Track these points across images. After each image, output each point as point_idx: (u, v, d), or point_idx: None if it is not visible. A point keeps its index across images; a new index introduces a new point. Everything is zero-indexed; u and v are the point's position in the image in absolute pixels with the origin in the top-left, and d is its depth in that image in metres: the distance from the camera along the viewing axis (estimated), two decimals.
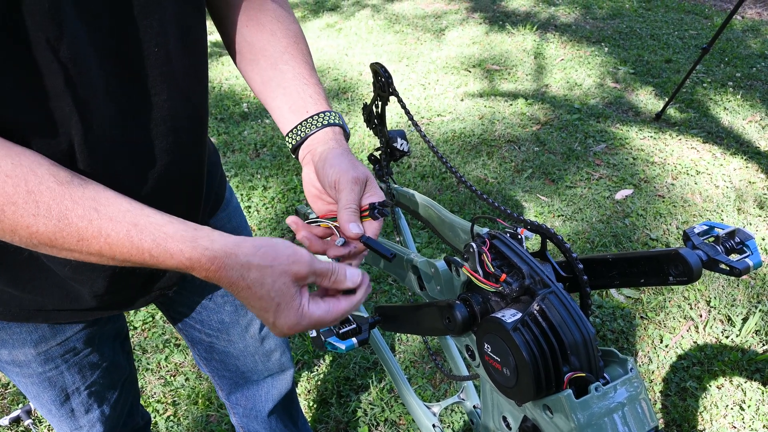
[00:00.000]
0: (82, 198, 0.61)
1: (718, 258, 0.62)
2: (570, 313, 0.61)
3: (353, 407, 2.01)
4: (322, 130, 0.84)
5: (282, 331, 0.69)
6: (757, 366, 2.04)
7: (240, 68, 0.94)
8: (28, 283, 0.84)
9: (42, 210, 0.59)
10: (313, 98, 0.86)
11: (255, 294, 0.65)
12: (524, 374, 0.60)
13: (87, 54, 0.66)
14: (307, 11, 5.87)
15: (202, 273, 0.64)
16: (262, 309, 0.66)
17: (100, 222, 0.61)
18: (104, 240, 0.61)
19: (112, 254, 0.62)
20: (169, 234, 0.63)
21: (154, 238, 0.62)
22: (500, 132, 3.53)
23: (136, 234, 0.62)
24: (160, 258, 0.62)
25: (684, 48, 4.48)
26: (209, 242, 0.63)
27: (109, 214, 0.61)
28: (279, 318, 0.67)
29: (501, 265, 0.69)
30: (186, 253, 0.62)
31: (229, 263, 0.63)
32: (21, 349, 0.93)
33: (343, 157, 0.80)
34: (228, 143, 3.62)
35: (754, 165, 3.09)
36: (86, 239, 0.60)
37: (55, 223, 0.59)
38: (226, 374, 1.23)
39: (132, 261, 0.63)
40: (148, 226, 0.62)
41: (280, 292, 0.65)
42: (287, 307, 0.66)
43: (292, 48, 0.90)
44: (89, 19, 0.65)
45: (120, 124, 0.73)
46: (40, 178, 0.59)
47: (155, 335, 2.32)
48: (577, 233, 2.71)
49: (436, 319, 0.75)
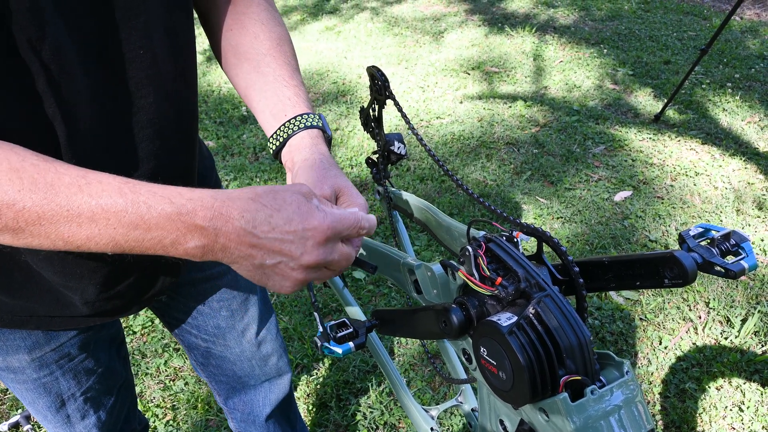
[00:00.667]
0: (68, 170, 0.57)
1: (714, 260, 0.62)
2: (566, 317, 0.61)
3: (352, 411, 2.00)
4: (298, 134, 0.83)
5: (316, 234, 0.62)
6: (756, 367, 2.04)
7: (226, 73, 0.94)
8: (19, 289, 0.83)
9: (27, 184, 0.55)
10: (291, 100, 0.86)
11: (272, 208, 0.60)
12: (520, 378, 0.60)
13: (70, 55, 0.65)
14: (306, 14, 5.88)
15: (206, 213, 0.58)
16: (285, 221, 0.61)
17: (89, 186, 0.57)
18: (95, 202, 0.56)
19: (106, 217, 0.56)
20: (164, 186, 0.60)
21: (148, 189, 0.58)
22: (499, 134, 3.53)
23: (129, 189, 0.58)
24: (158, 206, 0.57)
25: (683, 49, 4.48)
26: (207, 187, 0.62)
27: (98, 179, 0.58)
28: (305, 218, 0.62)
29: (497, 269, 0.69)
30: (185, 195, 0.59)
31: (234, 195, 0.60)
32: (15, 356, 0.92)
33: (313, 170, 0.79)
34: (227, 147, 3.62)
35: (752, 166, 3.09)
36: (77, 205, 0.56)
37: (43, 195, 0.55)
38: (223, 379, 1.23)
39: (127, 222, 0.57)
40: (140, 183, 0.59)
41: (295, 199, 0.62)
42: (307, 206, 0.63)
43: (275, 50, 0.89)
44: (72, 20, 0.65)
45: (105, 127, 0.73)
46: (22, 156, 0.56)
47: (154, 340, 2.32)
48: (576, 235, 2.71)
49: (433, 323, 0.75)
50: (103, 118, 0.72)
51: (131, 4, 0.70)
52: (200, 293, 1.10)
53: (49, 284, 0.83)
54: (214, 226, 0.59)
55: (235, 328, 1.15)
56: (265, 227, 0.60)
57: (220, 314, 1.12)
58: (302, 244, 0.62)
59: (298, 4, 6.20)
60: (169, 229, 0.58)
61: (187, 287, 1.07)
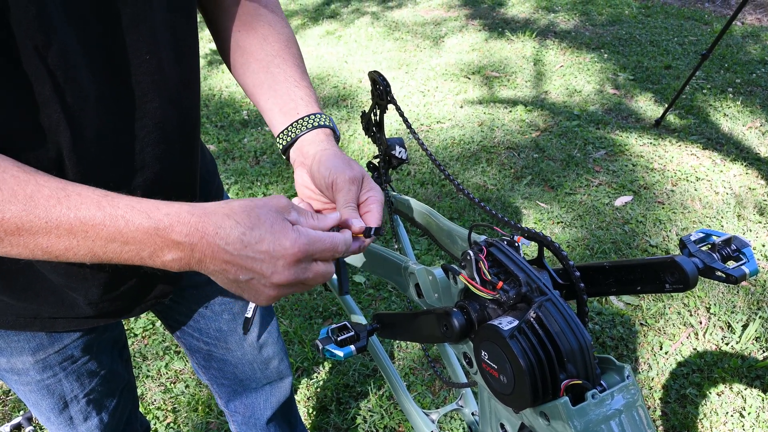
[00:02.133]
0: (48, 182, 0.58)
1: (714, 265, 0.62)
2: (566, 321, 0.61)
3: (352, 414, 2.00)
4: (312, 131, 0.84)
5: (286, 257, 0.63)
6: (758, 373, 2.04)
7: (233, 73, 0.94)
8: (23, 291, 0.84)
9: (6, 195, 0.56)
10: (304, 100, 0.87)
11: (245, 226, 0.61)
12: (521, 381, 0.60)
13: (76, 61, 0.66)
14: (307, 18, 5.90)
15: (183, 230, 0.60)
16: (257, 241, 0.61)
17: (68, 199, 0.58)
18: (74, 214, 0.57)
19: (84, 230, 0.58)
20: (142, 200, 0.61)
21: (127, 203, 0.59)
22: (500, 139, 3.54)
23: (107, 202, 0.59)
24: (135, 221, 0.58)
25: (684, 54, 4.49)
26: (185, 201, 0.62)
27: (78, 191, 0.59)
28: (277, 238, 0.62)
29: (498, 273, 0.69)
30: (163, 209, 0.60)
31: (210, 210, 0.61)
32: (19, 357, 0.93)
33: (336, 157, 0.80)
34: (228, 151, 3.63)
35: (754, 171, 3.09)
36: (56, 217, 0.57)
37: (21, 206, 0.56)
38: (224, 382, 1.23)
39: (105, 234, 0.58)
40: (119, 197, 0.60)
41: (269, 217, 0.63)
42: (281, 226, 0.63)
43: (284, 52, 0.90)
44: (79, 26, 0.65)
45: (110, 132, 0.74)
46: (3, 167, 0.57)
47: (155, 342, 2.32)
48: (576, 240, 2.71)
49: (434, 327, 0.75)
50: (108, 123, 0.72)
51: (137, 9, 0.71)
52: (203, 296, 1.10)
53: (53, 285, 0.84)
54: (190, 241, 0.60)
55: (236, 332, 1.15)
56: (237, 245, 0.61)
57: (221, 317, 1.13)
58: (273, 263, 0.63)
59: (299, 8, 6.22)
60: (146, 242, 0.60)
61: (190, 290, 1.08)
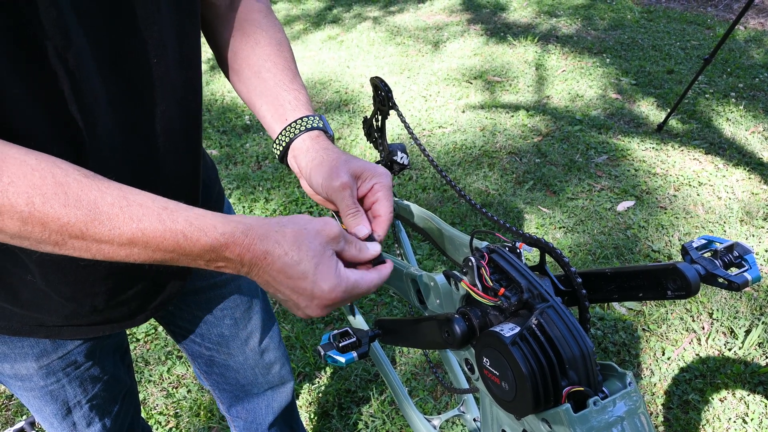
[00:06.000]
0: (109, 188, 0.60)
1: (716, 272, 0.62)
2: (568, 328, 0.61)
3: (354, 419, 2.00)
4: (299, 137, 0.84)
5: (322, 298, 0.67)
6: (760, 379, 2.03)
7: (229, 79, 0.95)
8: (28, 301, 0.84)
9: (72, 200, 0.57)
10: (291, 104, 0.86)
11: (292, 259, 0.64)
12: (523, 388, 0.60)
13: (89, 63, 0.67)
14: (309, 23, 5.91)
15: (236, 250, 0.63)
16: (300, 277, 0.65)
17: (130, 209, 0.59)
18: (136, 226, 0.59)
19: (145, 240, 0.60)
20: (200, 214, 0.63)
21: (186, 218, 0.61)
22: (501, 143, 3.54)
23: (167, 216, 0.61)
24: (194, 237, 0.61)
25: (686, 58, 4.49)
26: (241, 217, 0.65)
27: (139, 201, 0.61)
28: (318, 281, 0.66)
29: (499, 279, 0.69)
30: (219, 228, 0.62)
31: (263, 233, 0.64)
32: (23, 363, 0.93)
33: (322, 166, 0.80)
34: (230, 155, 3.64)
35: (756, 176, 3.09)
36: (118, 227, 0.59)
37: (86, 212, 0.57)
38: (226, 387, 1.23)
39: (165, 247, 0.61)
40: (178, 209, 0.62)
41: (317, 252, 0.66)
42: (326, 266, 0.66)
43: (275, 56, 0.90)
44: (89, 30, 0.66)
45: (120, 135, 0.75)
46: (66, 171, 0.58)
47: (157, 347, 2.33)
48: (578, 245, 2.70)
49: (436, 333, 0.75)
50: (118, 125, 0.73)
51: (146, 12, 0.72)
52: (204, 302, 1.10)
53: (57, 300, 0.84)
54: (241, 260, 0.64)
55: (238, 337, 1.15)
56: (281, 275, 0.65)
57: (223, 323, 1.13)
58: (309, 300, 0.67)
59: (301, 13, 6.24)
60: (202, 256, 0.63)
61: (191, 296, 1.08)
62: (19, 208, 0.55)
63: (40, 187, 0.56)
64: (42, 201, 0.56)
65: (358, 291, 0.70)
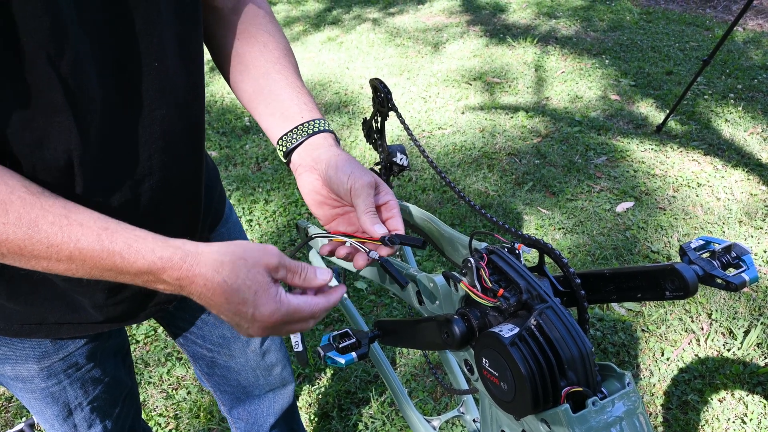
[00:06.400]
0: (52, 206, 0.61)
1: (714, 273, 0.62)
2: (567, 328, 0.62)
3: (354, 420, 2.00)
4: (319, 134, 0.85)
5: (263, 321, 0.68)
6: (759, 379, 2.03)
7: (230, 80, 0.94)
8: (28, 295, 0.84)
9: (12, 218, 0.59)
10: (307, 105, 0.87)
11: (231, 287, 0.65)
12: (522, 389, 0.61)
13: (88, 69, 0.67)
14: (308, 25, 5.92)
15: (173, 274, 0.63)
16: (240, 302, 0.66)
17: (70, 228, 0.61)
18: (74, 245, 0.61)
19: (83, 258, 0.62)
20: (140, 236, 0.64)
21: (125, 240, 0.63)
22: (501, 145, 3.55)
23: (107, 237, 0.62)
24: (131, 259, 0.62)
25: (685, 60, 4.50)
26: (181, 243, 0.65)
27: (80, 220, 0.62)
28: (258, 306, 0.66)
29: (499, 280, 0.70)
30: (158, 252, 0.63)
31: (202, 260, 0.64)
32: (24, 365, 0.93)
33: (350, 162, 0.81)
34: (230, 157, 3.64)
35: (755, 177, 3.10)
36: (56, 245, 0.61)
37: (25, 230, 0.60)
38: (227, 389, 1.23)
39: (102, 266, 0.63)
40: (119, 230, 0.63)
41: (255, 281, 0.66)
42: (265, 293, 0.67)
43: (284, 59, 0.91)
44: (92, 34, 0.67)
45: (118, 139, 0.75)
46: (12, 188, 0.60)
47: (157, 348, 2.33)
48: (577, 246, 2.71)
49: (435, 334, 0.76)
50: (115, 130, 0.74)
51: (148, 17, 0.72)
52: None
53: (58, 289, 0.85)
54: (180, 284, 0.65)
55: (239, 338, 1.15)
56: (221, 299, 0.66)
57: (225, 324, 1.13)
58: (250, 323, 0.68)
59: (300, 14, 6.24)
60: (139, 277, 0.64)
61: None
62: None
63: None
64: None
65: (300, 315, 0.70)
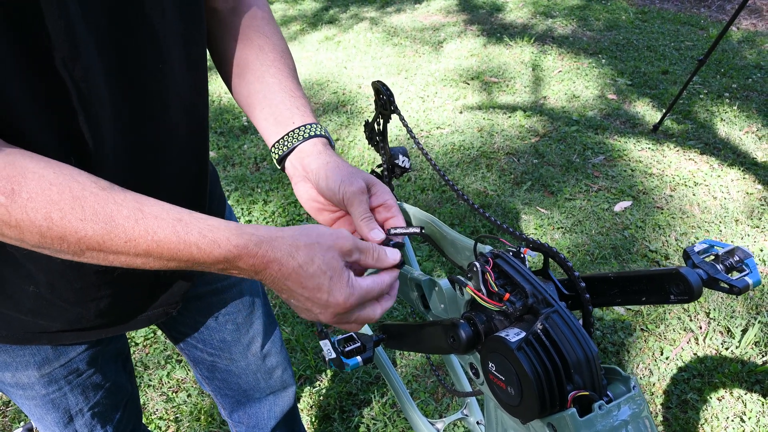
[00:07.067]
0: (125, 200, 0.61)
1: (718, 276, 0.63)
2: (573, 332, 0.62)
3: (356, 422, 2.00)
4: (309, 140, 0.84)
5: (336, 307, 0.69)
6: (757, 377, 2.04)
7: (227, 83, 0.94)
8: (31, 309, 0.84)
9: (88, 214, 0.58)
10: (300, 110, 0.86)
11: (306, 273, 0.66)
12: (528, 393, 0.61)
13: (97, 74, 0.67)
14: (306, 24, 5.92)
15: (249, 261, 0.64)
16: (315, 288, 0.67)
17: (145, 221, 0.61)
18: (151, 238, 0.61)
19: (160, 252, 0.62)
20: (214, 225, 0.64)
21: (199, 230, 0.63)
22: (499, 144, 3.55)
23: (182, 228, 0.62)
24: (207, 249, 0.62)
25: (680, 59, 4.51)
26: (254, 229, 0.65)
27: (154, 213, 0.62)
28: (333, 292, 0.67)
29: (504, 285, 0.70)
30: (233, 240, 0.63)
31: (276, 245, 0.65)
32: (24, 372, 0.93)
33: (340, 169, 0.80)
34: (228, 157, 3.63)
35: (751, 176, 3.11)
36: (134, 239, 0.60)
37: (103, 225, 0.59)
38: (228, 393, 1.23)
39: (179, 257, 0.63)
40: (192, 221, 0.63)
41: (330, 266, 0.67)
42: (339, 279, 0.67)
43: (279, 62, 0.91)
44: (100, 39, 0.67)
45: (126, 142, 0.75)
46: (83, 185, 0.60)
47: (157, 351, 2.32)
48: (576, 246, 2.72)
49: (441, 338, 0.76)
50: (123, 133, 0.74)
51: (153, 20, 0.72)
52: (206, 307, 1.10)
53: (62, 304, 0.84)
54: (255, 270, 0.65)
55: (240, 342, 1.15)
56: (296, 285, 0.67)
57: (225, 328, 1.13)
58: (323, 309, 0.69)
59: (298, 14, 6.24)
60: (215, 265, 0.65)
61: (193, 301, 1.08)
62: (38, 223, 0.57)
63: (57, 202, 0.57)
64: (60, 216, 0.57)
65: (371, 295, 0.71)
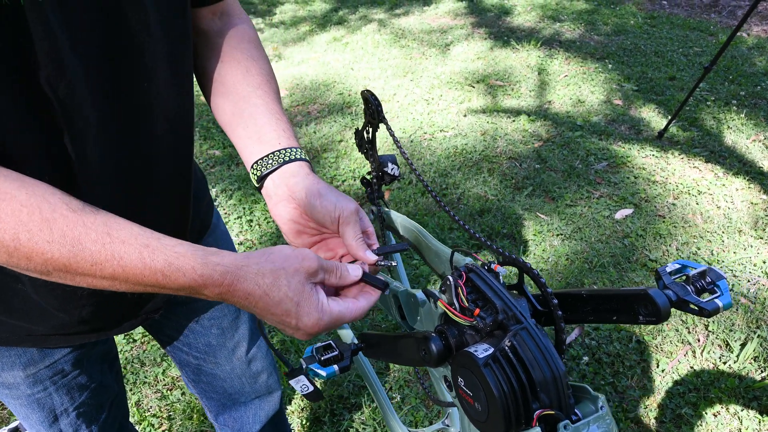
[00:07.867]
0: (94, 223, 0.62)
1: (688, 298, 0.62)
2: (541, 350, 0.62)
3: (345, 426, 2.00)
4: (294, 162, 0.84)
5: (307, 331, 0.70)
6: (755, 393, 2.02)
7: (210, 100, 0.95)
8: (18, 311, 0.85)
9: (56, 236, 0.59)
10: (285, 132, 0.87)
11: (273, 300, 0.66)
12: (494, 410, 0.61)
13: (81, 90, 0.68)
14: (314, 25, 5.93)
15: (214, 290, 0.65)
16: (283, 314, 0.67)
17: (112, 245, 0.61)
18: (117, 263, 0.61)
19: (125, 276, 0.62)
20: (180, 253, 0.64)
21: (165, 258, 0.63)
22: (502, 148, 3.54)
23: (148, 255, 0.62)
24: (172, 277, 0.63)
25: (688, 65, 4.48)
26: (219, 258, 0.65)
27: (122, 238, 0.62)
28: (301, 317, 0.68)
29: (476, 299, 0.70)
30: (198, 270, 0.64)
31: (242, 275, 0.65)
32: (10, 372, 0.94)
33: (332, 190, 0.81)
34: (233, 156, 3.65)
35: (756, 185, 3.08)
36: (100, 263, 0.61)
37: (69, 248, 0.60)
38: (213, 396, 1.24)
39: (144, 283, 0.63)
40: (159, 247, 0.63)
41: (297, 291, 0.67)
42: (307, 303, 0.68)
43: (265, 86, 0.92)
44: (84, 59, 0.68)
45: (110, 157, 0.76)
46: (54, 206, 0.60)
47: (153, 348, 2.34)
48: (575, 253, 2.70)
49: (413, 351, 0.76)
50: (108, 150, 0.75)
51: (139, 40, 0.73)
52: (192, 311, 1.11)
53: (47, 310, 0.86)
54: (221, 297, 0.67)
55: (225, 346, 1.16)
56: (263, 311, 0.68)
57: (210, 332, 1.13)
58: (294, 330, 0.70)
59: (307, 14, 6.25)
60: (181, 290, 0.66)
61: (179, 306, 1.09)
62: (5, 243, 0.58)
63: (26, 223, 0.58)
64: (28, 237, 0.58)
65: (343, 320, 0.72)
